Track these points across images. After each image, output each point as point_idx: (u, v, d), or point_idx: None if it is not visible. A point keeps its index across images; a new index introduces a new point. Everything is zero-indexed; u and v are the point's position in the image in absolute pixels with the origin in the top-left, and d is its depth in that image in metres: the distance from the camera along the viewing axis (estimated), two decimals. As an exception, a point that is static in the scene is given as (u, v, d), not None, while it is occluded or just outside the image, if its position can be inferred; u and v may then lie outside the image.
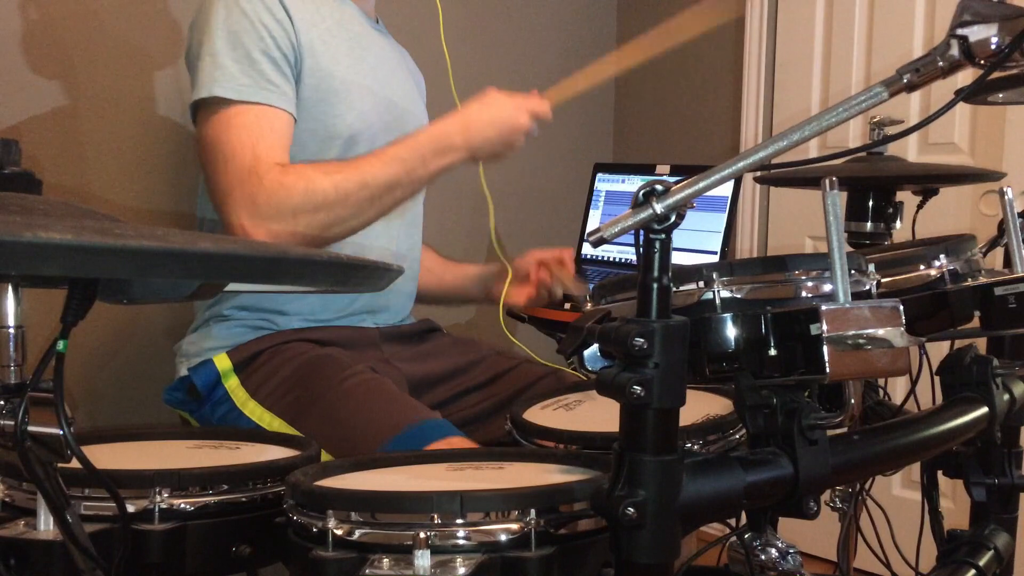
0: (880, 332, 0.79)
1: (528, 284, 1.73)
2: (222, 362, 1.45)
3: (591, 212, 2.59)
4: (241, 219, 1.34)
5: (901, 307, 0.80)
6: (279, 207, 1.34)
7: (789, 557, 0.93)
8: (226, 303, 1.50)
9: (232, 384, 1.44)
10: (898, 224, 1.56)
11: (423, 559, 0.79)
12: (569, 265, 1.72)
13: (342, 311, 1.55)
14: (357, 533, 0.83)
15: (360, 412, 1.32)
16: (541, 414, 1.23)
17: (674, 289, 0.80)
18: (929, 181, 1.59)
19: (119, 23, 2.06)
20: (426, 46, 1.76)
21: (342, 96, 1.48)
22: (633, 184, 2.50)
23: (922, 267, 0.98)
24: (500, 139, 1.46)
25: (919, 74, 0.85)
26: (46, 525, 0.87)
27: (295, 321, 1.50)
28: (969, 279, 1.00)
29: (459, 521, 0.82)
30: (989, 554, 1.17)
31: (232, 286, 0.84)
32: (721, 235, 2.26)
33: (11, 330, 0.76)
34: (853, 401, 0.93)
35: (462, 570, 0.79)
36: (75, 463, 0.75)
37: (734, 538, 0.93)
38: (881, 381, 1.49)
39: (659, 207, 0.73)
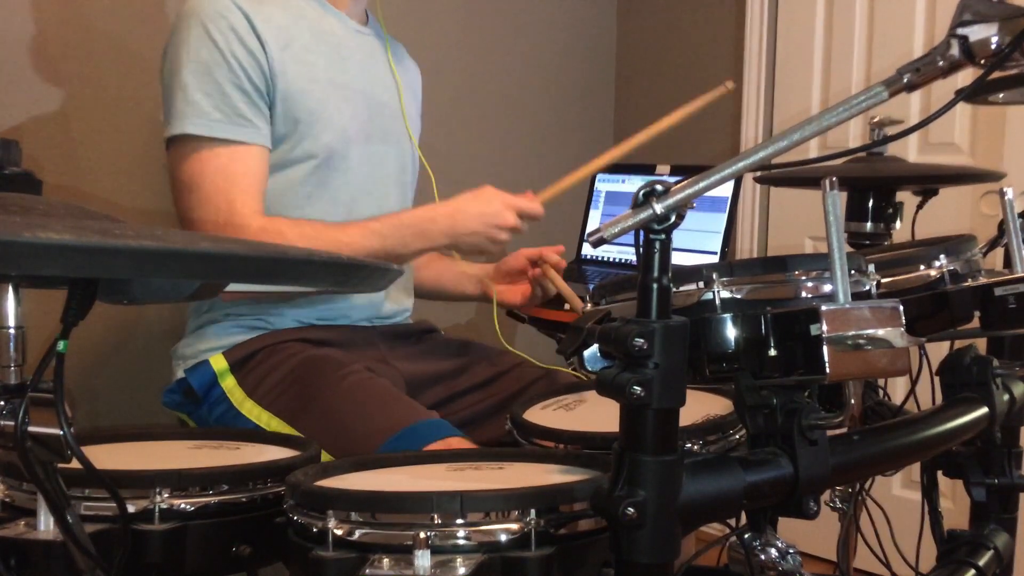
0: (880, 332, 0.79)
1: (522, 283, 1.72)
2: (218, 362, 1.45)
3: (591, 212, 2.59)
4: None
5: (901, 307, 0.80)
6: None
7: (789, 557, 0.93)
8: (221, 305, 1.50)
9: (229, 384, 1.44)
10: (898, 224, 1.56)
11: (423, 559, 0.79)
12: (557, 261, 1.67)
13: (339, 312, 1.55)
14: (357, 533, 0.83)
15: (358, 412, 1.32)
16: (541, 414, 1.23)
17: (674, 289, 0.80)
18: (929, 181, 1.59)
19: (119, 24, 2.06)
20: (421, 39, 1.77)
21: (318, 115, 1.46)
22: (633, 184, 2.50)
23: (922, 267, 0.98)
24: (484, 233, 1.45)
25: (919, 74, 0.85)
26: (46, 525, 0.87)
27: (290, 321, 1.50)
28: (969, 279, 1.00)
29: (459, 521, 0.82)
30: (989, 554, 1.17)
31: (232, 286, 0.84)
32: (721, 235, 2.26)
33: (11, 330, 0.76)
34: (853, 401, 0.93)
35: (462, 570, 0.79)
36: (75, 463, 0.75)
37: (734, 538, 0.93)
38: (881, 381, 1.48)
39: (659, 207, 0.73)
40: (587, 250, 2.55)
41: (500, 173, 2.94)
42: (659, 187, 0.73)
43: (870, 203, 1.54)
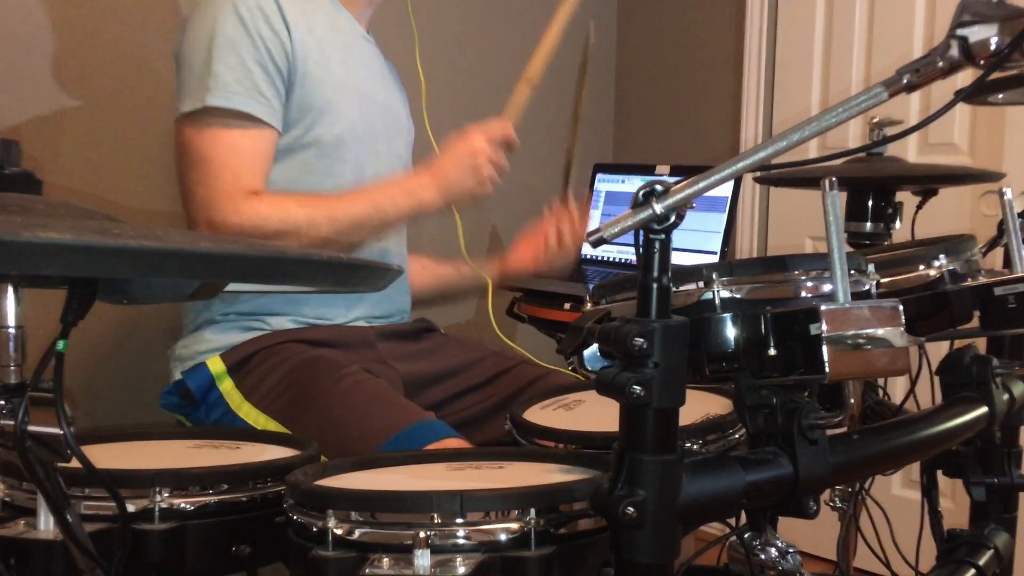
0: (880, 332, 0.79)
1: (533, 243, 1.73)
2: (216, 365, 1.45)
3: (591, 212, 2.59)
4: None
5: (901, 307, 0.80)
6: (252, 233, 1.37)
7: (789, 557, 0.93)
8: (218, 306, 1.50)
9: (227, 387, 1.44)
10: (898, 224, 1.56)
11: (423, 559, 0.79)
12: (576, 223, 1.69)
13: (336, 312, 1.55)
14: (357, 533, 0.83)
15: (355, 414, 1.32)
16: (541, 414, 1.23)
17: (674, 289, 0.80)
18: (929, 181, 1.59)
19: (120, 23, 2.06)
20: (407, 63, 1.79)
21: (332, 106, 1.48)
22: (633, 184, 2.50)
23: (922, 267, 0.98)
24: (462, 169, 1.47)
25: (919, 74, 0.85)
26: (46, 525, 0.87)
27: (288, 322, 1.50)
28: (969, 279, 1.00)
29: (459, 521, 0.82)
30: (989, 554, 1.17)
31: (232, 286, 0.84)
32: (721, 235, 2.25)
33: (11, 330, 0.76)
34: (853, 401, 0.93)
35: (462, 570, 0.79)
36: (75, 463, 0.75)
37: (734, 538, 0.93)
38: (881, 381, 1.48)
39: (659, 207, 0.73)
40: (587, 250, 2.55)
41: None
42: (659, 187, 0.73)
43: (870, 203, 1.54)
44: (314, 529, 0.85)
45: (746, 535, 0.93)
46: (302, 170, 1.48)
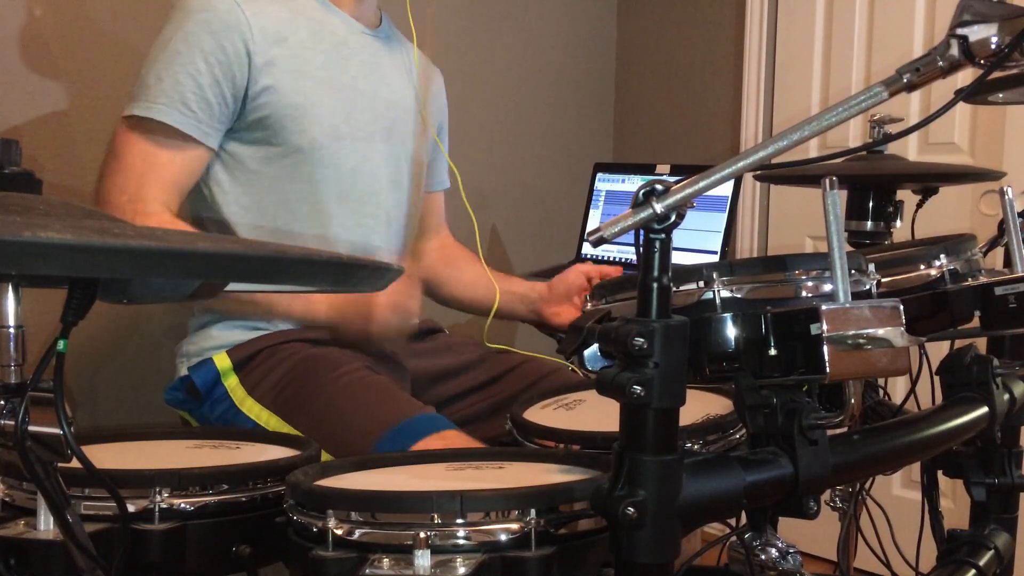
0: (880, 332, 0.79)
1: (573, 305, 1.67)
2: (222, 361, 1.46)
3: (591, 212, 2.59)
4: None
5: (901, 307, 0.80)
6: None
7: (789, 557, 0.93)
8: None
9: (231, 383, 1.44)
10: (898, 224, 1.56)
11: (423, 559, 0.79)
12: None
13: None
14: (357, 533, 0.83)
15: (354, 408, 1.33)
16: (541, 414, 1.23)
17: (674, 289, 0.80)
18: (929, 180, 1.59)
19: (120, 23, 2.06)
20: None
21: (305, 111, 1.46)
22: (633, 184, 2.50)
23: (922, 267, 0.98)
24: (359, 318, 1.40)
25: (919, 74, 0.85)
26: (46, 525, 0.87)
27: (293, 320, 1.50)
28: (969, 279, 1.00)
29: (459, 521, 0.82)
30: (989, 554, 1.17)
31: (232, 286, 0.83)
32: (721, 235, 2.26)
33: (11, 330, 0.76)
34: (853, 401, 0.93)
35: (462, 570, 0.79)
36: (75, 463, 0.75)
37: (734, 538, 0.93)
38: (881, 381, 1.49)
39: (659, 207, 0.73)
40: (587, 249, 2.55)
41: (499, 173, 2.94)
42: (659, 186, 0.73)
43: (870, 202, 1.54)
44: (314, 529, 0.85)
45: (746, 535, 0.93)
46: (283, 177, 1.47)
